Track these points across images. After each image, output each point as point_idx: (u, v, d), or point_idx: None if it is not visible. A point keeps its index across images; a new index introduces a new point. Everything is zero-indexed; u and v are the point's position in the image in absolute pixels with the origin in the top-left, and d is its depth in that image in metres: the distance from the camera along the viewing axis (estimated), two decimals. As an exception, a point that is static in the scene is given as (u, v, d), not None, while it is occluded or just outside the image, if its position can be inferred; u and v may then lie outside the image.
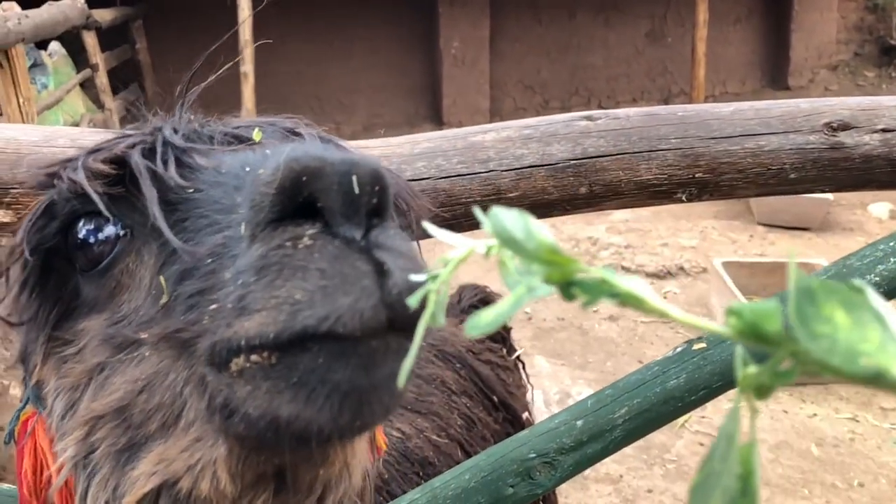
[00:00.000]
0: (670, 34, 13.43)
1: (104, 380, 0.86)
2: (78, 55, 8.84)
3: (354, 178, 0.69)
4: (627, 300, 0.42)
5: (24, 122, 5.07)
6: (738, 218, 8.51)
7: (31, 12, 5.92)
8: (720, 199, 1.49)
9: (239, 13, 8.57)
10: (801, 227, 8.06)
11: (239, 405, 0.72)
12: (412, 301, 0.54)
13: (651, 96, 13.40)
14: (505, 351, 2.51)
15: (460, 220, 1.39)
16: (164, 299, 0.80)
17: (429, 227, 0.56)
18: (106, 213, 0.88)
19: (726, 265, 6.07)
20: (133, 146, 0.92)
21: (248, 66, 8.64)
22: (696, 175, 1.43)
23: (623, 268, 7.29)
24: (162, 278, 0.82)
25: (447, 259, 0.51)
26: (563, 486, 4.64)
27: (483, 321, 0.45)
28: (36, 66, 7.87)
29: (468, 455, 1.84)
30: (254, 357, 0.69)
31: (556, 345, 6.09)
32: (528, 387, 2.50)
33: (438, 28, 12.01)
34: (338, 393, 0.68)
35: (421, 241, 1.01)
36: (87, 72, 8.73)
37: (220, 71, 1.14)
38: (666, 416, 1.42)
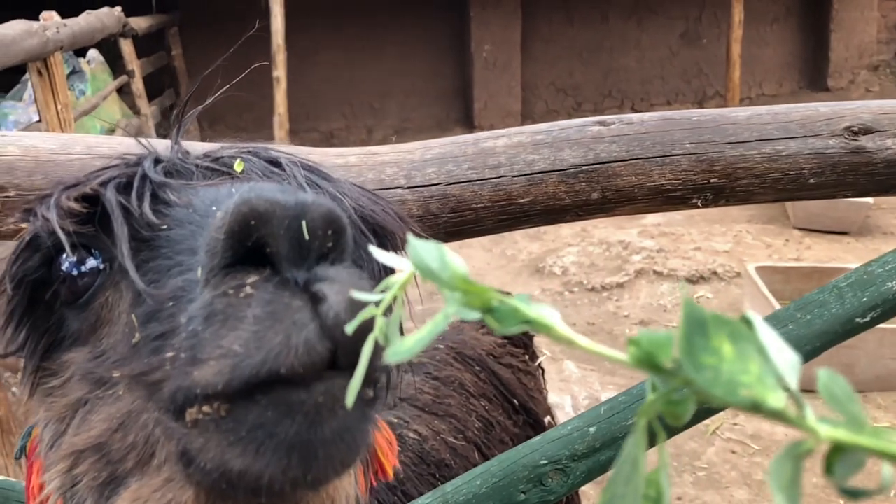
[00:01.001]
0: (705, 35, 13.26)
1: (85, 415, 0.88)
2: (115, 62, 9.04)
3: (304, 224, 0.68)
4: (538, 328, 0.44)
5: (61, 127, 5.19)
6: (773, 222, 8.36)
7: (70, 21, 6.06)
8: (737, 205, 1.47)
9: (272, 20, 8.67)
10: (839, 231, 7.89)
11: (194, 455, 0.72)
12: (350, 326, 0.54)
13: (685, 98, 13.25)
14: (527, 357, 2.51)
15: (470, 227, 1.39)
16: (135, 338, 0.81)
17: (374, 250, 0.55)
18: (70, 253, 0.89)
19: (760, 270, 5.95)
20: (109, 181, 0.92)
21: (280, 72, 8.74)
22: (712, 180, 1.41)
23: (655, 272, 7.21)
24: (133, 317, 0.82)
25: (390, 283, 0.51)
26: (591, 492, 4.59)
27: (405, 347, 0.46)
28: (75, 73, 8.06)
29: (485, 457, 1.84)
30: (205, 408, 0.69)
31: (586, 350, 6.05)
32: (564, 392, 2.47)
33: (470, 31, 12.02)
34: (284, 448, 0.67)
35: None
36: (123, 78, 8.91)
37: (221, 91, 1.14)
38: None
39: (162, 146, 1.20)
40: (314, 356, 0.66)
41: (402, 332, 0.52)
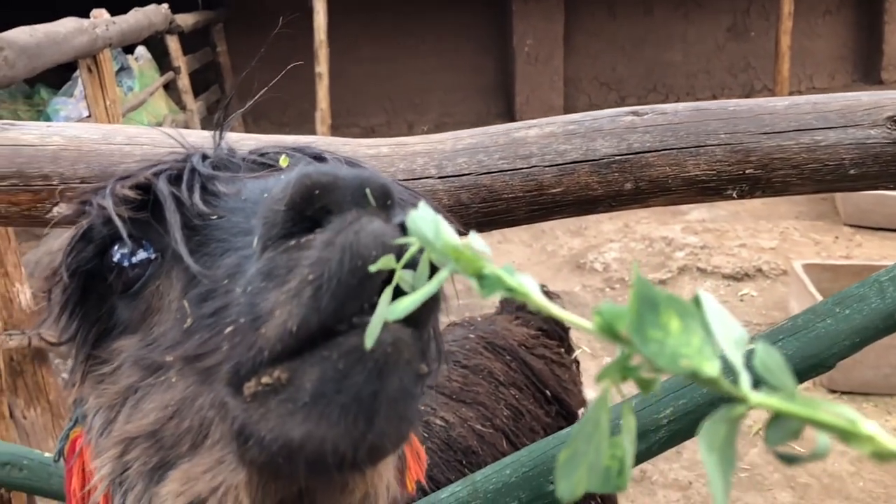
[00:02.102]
0: (753, 28, 12.99)
1: (137, 402, 0.89)
2: (162, 58, 9.22)
3: (368, 190, 0.70)
4: (518, 295, 0.48)
5: (109, 122, 5.32)
6: (822, 218, 8.16)
7: (118, 18, 6.20)
8: (774, 196, 1.44)
9: (314, 16, 8.75)
10: (891, 228, 7.65)
11: (253, 430, 0.72)
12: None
13: (732, 93, 12.99)
14: (563, 349, 2.50)
15: (501, 217, 1.39)
16: (187, 322, 0.82)
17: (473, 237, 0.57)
18: (126, 238, 0.92)
19: (807, 267, 5.81)
20: (160, 173, 0.95)
21: (322, 67, 8.81)
22: (747, 171, 1.38)
23: (698, 269, 7.10)
24: (185, 302, 0.84)
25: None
26: (630, 489, 4.54)
27: (401, 306, 0.50)
28: (123, 69, 8.25)
29: (514, 446, 1.84)
30: (265, 379, 0.70)
31: (626, 346, 5.99)
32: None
33: (512, 25, 11.96)
34: (349, 403, 0.68)
35: None
36: (169, 74, 9.08)
37: (265, 90, 1.17)
38: (712, 419, 1.38)
39: (196, 137, 1.24)
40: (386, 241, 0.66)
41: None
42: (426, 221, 0.50)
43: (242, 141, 1.28)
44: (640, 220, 8.30)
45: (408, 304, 0.49)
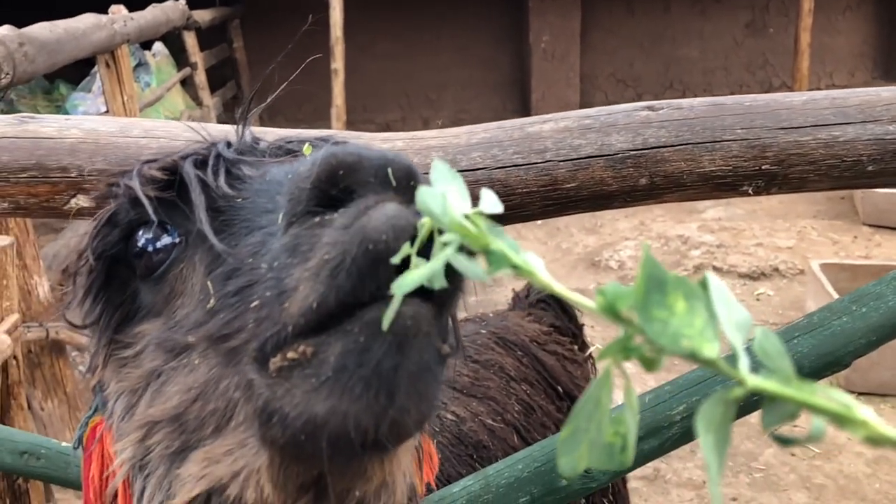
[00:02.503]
0: (772, 24, 12.87)
1: (160, 386, 0.89)
2: (179, 54, 9.27)
3: (390, 171, 0.70)
4: (522, 272, 0.49)
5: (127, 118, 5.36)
6: (841, 218, 8.08)
7: (136, 14, 6.25)
8: (790, 193, 1.43)
9: (331, 12, 8.77)
10: (911, 227, 7.58)
11: (276, 407, 0.72)
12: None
13: (750, 90, 12.89)
14: (576, 347, 2.49)
15: (516, 211, 1.39)
16: (210, 303, 0.83)
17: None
18: (152, 215, 0.93)
19: (825, 267, 5.76)
20: (186, 157, 0.96)
21: (338, 63, 8.84)
22: (763, 167, 1.37)
23: (714, 267, 7.05)
24: (209, 282, 0.84)
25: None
26: (644, 488, 4.52)
27: (408, 280, 0.51)
28: (140, 65, 8.30)
29: (525, 441, 1.84)
30: (290, 354, 0.70)
31: (641, 345, 5.96)
32: (619, 388, 2.46)
33: (528, 21, 11.93)
34: (372, 377, 0.68)
35: None
36: (186, 70, 9.14)
37: (283, 86, 1.17)
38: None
39: (215, 129, 1.25)
40: (405, 233, 0.66)
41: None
42: (433, 197, 0.50)
43: (261, 135, 1.28)
44: (656, 218, 8.26)
45: (414, 277, 0.50)
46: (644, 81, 12.85)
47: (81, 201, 1.31)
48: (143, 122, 1.36)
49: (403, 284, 0.50)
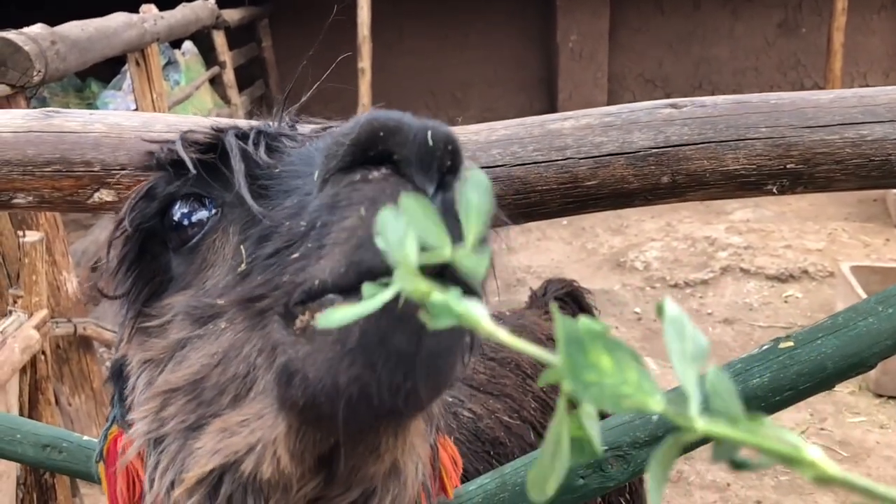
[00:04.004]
0: (805, 24, 12.67)
1: (184, 355, 0.89)
2: (208, 53, 9.36)
3: (430, 134, 0.70)
4: (466, 322, 0.47)
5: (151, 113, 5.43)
6: (872, 220, 7.94)
7: (166, 13, 6.32)
8: (816, 192, 1.40)
9: (358, 11, 8.80)
10: (944, 230, 7.42)
11: (299, 367, 0.72)
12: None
13: (781, 91, 12.68)
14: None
15: (535, 209, 1.38)
16: (242, 267, 0.83)
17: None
18: (193, 169, 0.95)
19: (855, 269, 5.66)
20: (228, 129, 0.99)
21: (365, 62, 8.86)
22: (788, 166, 1.35)
23: (742, 269, 6.97)
24: (242, 246, 0.85)
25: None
26: (667, 490, 4.48)
27: (336, 316, 0.49)
28: (170, 63, 8.40)
29: (541, 437, 1.83)
30: (318, 313, 0.69)
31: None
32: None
33: (556, 20, 11.87)
34: (395, 351, 0.67)
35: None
36: (215, 69, 9.22)
37: (315, 87, 1.19)
38: (747, 417, 1.35)
39: (245, 126, 1.26)
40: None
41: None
42: (395, 231, 0.49)
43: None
44: (683, 219, 8.19)
45: (340, 316, 0.49)
46: (673, 81, 12.72)
47: (104, 195, 1.32)
48: (167, 117, 1.37)
49: (329, 320, 0.50)
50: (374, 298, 0.49)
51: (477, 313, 0.47)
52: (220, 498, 0.86)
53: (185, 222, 0.97)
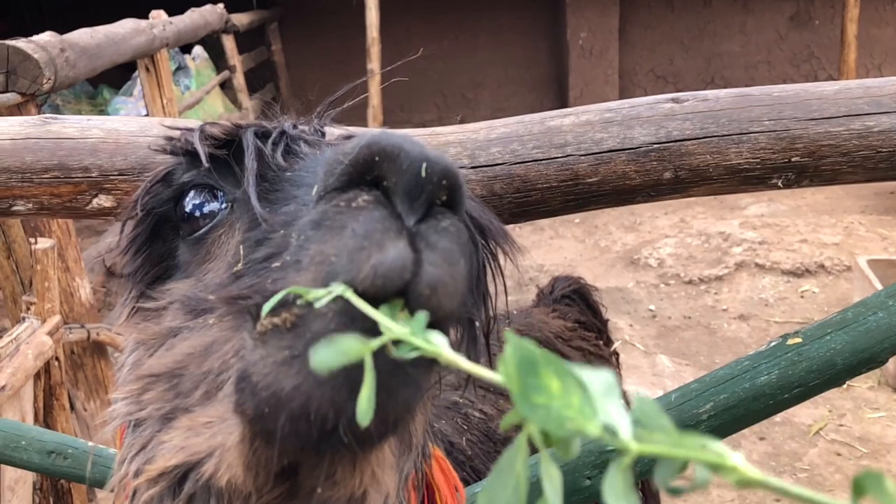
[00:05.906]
0: (817, 16, 12.54)
1: (172, 344, 0.90)
2: (217, 57, 9.40)
3: (424, 165, 0.70)
4: (428, 353, 0.50)
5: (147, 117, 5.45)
6: (890, 213, 7.84)
7: (175, 19, 6.35)
8: (823, 185, 1.38)
9: (367, 13, 8.81)
10: (963, 222, 7.32)
11: (250, 373, 0.70)
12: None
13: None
14: (601, 342, 2.46)
15: (536, 207, 1.36)
16: (237, 267, 0.84)
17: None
18: (206, 162, 0.95)
19: (873, 263, 5.59)
20: (249, 126, 0.99)
21: (374, 64, 8.87)
22: (793, 159, 1.33)
23: (757, 265, 6.90)
24: (241, 247, 0.86)
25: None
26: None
27: (324, 356, 0.54)
28: (180, 68, 8.45)
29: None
30: (276, 319, 0.69)
31: (682, 344, 5.86)
32: (657, 386, 2.43)
33: (565, 18, 11.82)
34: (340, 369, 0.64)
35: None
36: (225, 73, 9.26)
37: (336, 94, 1.19)
38: (755, 414, 1.33)
39: None
40: (393, 288, 0.66)
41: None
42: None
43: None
44: (697, 215, 8.12)
45: (337, 355, 0.53)
46: (684, 77, 12.63)
47: (104, 201, 1.32)
48: (164, 120, 1.37)
49: (319, 358, 0.54)
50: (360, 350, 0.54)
51: (437, 345, 0.50)
52: (182, 495, 0.86)
53: (197, 213, 0.98)
